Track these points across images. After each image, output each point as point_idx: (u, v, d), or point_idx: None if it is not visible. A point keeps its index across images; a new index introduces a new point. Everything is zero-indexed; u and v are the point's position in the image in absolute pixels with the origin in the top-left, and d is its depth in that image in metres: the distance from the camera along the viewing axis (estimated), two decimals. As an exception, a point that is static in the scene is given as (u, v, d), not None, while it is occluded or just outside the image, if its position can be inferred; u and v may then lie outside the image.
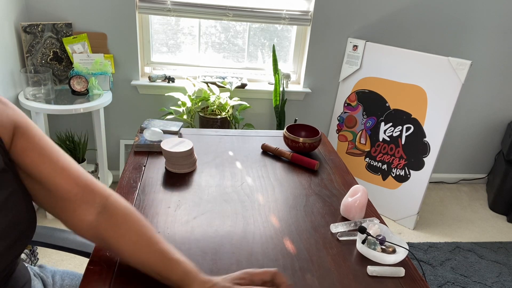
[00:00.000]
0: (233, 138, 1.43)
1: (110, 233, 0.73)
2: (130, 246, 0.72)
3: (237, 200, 1.05)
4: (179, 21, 2.34)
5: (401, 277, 0.84)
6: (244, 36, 2.43)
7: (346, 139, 2.55)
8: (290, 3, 2.31)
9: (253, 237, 0.91)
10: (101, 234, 0.74)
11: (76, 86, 2.06)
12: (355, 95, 2.45)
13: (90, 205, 0.74)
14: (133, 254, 0.72)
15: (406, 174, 2.33)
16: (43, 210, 2.26)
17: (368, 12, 2.36)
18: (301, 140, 1.30)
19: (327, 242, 0.92)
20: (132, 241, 0.72)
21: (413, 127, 2.27)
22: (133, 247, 0.72)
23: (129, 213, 0.75)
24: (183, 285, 0.70)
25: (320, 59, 2.45)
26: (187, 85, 2.23)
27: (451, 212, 2.65)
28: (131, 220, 0.74)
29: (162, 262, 0.71)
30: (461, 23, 2.45)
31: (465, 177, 3.03)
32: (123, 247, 0.72)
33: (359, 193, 1.01)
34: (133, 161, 1.20)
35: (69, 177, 0.72)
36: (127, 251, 0.72)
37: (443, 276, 2.04)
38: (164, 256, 0.71)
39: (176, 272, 0.70)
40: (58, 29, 2.09)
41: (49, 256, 1.93)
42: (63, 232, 1.04)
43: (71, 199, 0.73)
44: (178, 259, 0.71)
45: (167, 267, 0.70)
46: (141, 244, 0.72)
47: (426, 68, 2.16)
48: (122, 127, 2.45)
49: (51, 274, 0.99)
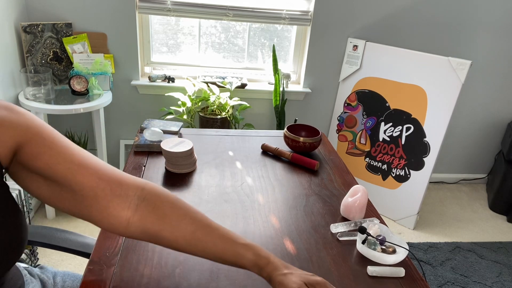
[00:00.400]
0: (233, 138, 1.43)
1: (160, 226, 0.68)
2: (188, 236, 0.68)
3: (237, 200, 1.05)
4: (179, 21, 2.34)
5: (401, 277, 0.84)
6: (244, 36, 2.43)
7: (346, 139, 2.55)
8: (290, 3, 2.31)
9: (253, 237, 0.91)
10: (149, 229, 0.68)
11: (76, 86, 2.06)
12: (355, 95, 2.45)
13: (123, 199, 0.69)
14: (194, 245, 0.68)
15: (406, 174, 2.33)
16: (43, 210, 2.26)
17: (368, 12, 2.36)
18: (302, 140, 1.30)
19: (327, 242, 0.92)
20: (189, 231, 0.68)
21: (413, 127, 2.27)
22: (191, 237, 0.68)
23: (175, 201, 0.70)
24: (257, 269, 0.68)
25: (320, 59, 2.45)
26: (187, 85, 2.23)
27: (451, 212, 2.65)
28: (181, 209, 0.69)
29: (229, 248, 0.68)
30: (461, 23, 2.45)
31: (465, 177, 3.03)
32: (179, 239, 0.68)
33: (359, 193, 1.01)
34: (133, 161, 1.20)
35: (89, 172, 0.67)
36: (185, 243, 0.68)
37: (443, 276, 2.04)
38: (230, 242, 0.68)
39: (247, 257, 0.68)
40: (58, 29, 2.09)
41: (49, 256, 1.93)
42: (63, 232, 1.04)
43: (99, 195, 0.67)
44: (246, 243, 0.68)
45: (235, 254, 0.68)
46: (200, 233, 0.68)
47: (426, 68, 2.16)
48: (122, 127, 2.45)
49: (52, 275, 0.99)
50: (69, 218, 2.21)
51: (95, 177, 0.67)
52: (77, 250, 0.99)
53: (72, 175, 0.66)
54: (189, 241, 0.69)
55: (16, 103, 2.00)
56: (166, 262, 0.81)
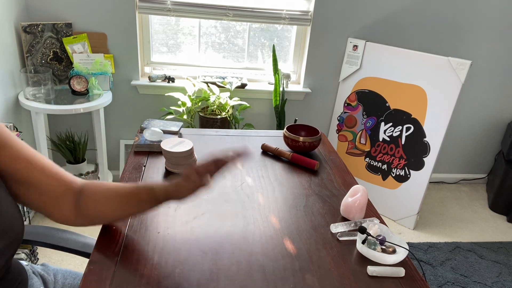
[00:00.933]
0: (233, 138, 1.43)
1: (98, 213, 0.82)
2: (118, 211, 0.82)
3: (237, 200, 1.05)
4: (179, 21, 2.34)
5: (401, 277, 0.84)
6: (244, 36, 2.43)
7: (346, 139, 2.55)
8: (290, 3, 2.31)
9: (253, 237, 0.91)
10: (91, 216, 0.82)
11: (76, 86, 2.06)
12: (355, 95, 2.45)
13: (68, 196, 0.80)
14: (125, 213, 0.83)
15: (406, 174, 2.33)
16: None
17: (368, 12, 2.36)
18: (301, 139, 1.30)
19: (327, 242, 0.92)
20: (116, 207, 0.82)
21: (413, 127, 2.27)
22: (120, 210, 0.82)
23: (103, 187, 0.83)
24: (163, 200, 0.82)
25: (320, 59, 2.45)
26: (187, 85, 2.23)
27: (451, 212, 2.65)
28: (108, 190, 0.82)
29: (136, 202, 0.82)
30: (461, 23, 2.45)
31: (465, 177, 3.03)
32: (114, 215, 0.83)
33: (359, 193, 1.01)
34: (133, 161, 1.20)
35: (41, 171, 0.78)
36: (117, 215, 0.83)
37: (443, 276, 2.04)
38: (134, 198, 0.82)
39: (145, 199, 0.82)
40: (58, 29, 2.09)
41: (49, 256, 1.93)
42: (63, 232, 1.04)
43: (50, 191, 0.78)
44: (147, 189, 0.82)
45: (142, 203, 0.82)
46: (126, 205, 0.82)
47: (426, 68, 2.16)
48: (122, 127, 2.45)
49: (53, 273, 0.99)
50: (69, 218, 2.21)
51: (45, 175, 0.77)
52: (77, 250, 0.99)
53: (31, 172, 0.76)
54: (119, 213, 0.83)
55: (16, 103, 2.00)
56: (166, 262, 0.81)
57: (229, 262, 0.83)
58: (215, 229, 0.93)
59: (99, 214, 0.82)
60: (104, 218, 0.84)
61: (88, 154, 2.49)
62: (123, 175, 1.12)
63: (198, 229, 0.92)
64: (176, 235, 0.89)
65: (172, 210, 0.98)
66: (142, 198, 0.81)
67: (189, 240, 0.88)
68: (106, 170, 2.24)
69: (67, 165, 2.28)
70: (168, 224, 0.93)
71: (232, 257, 0.84)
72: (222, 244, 0.88)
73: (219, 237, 0.90)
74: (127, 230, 0.90)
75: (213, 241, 0.88)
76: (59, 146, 2.24)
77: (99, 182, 0.84)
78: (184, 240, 0.88)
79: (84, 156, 2.34)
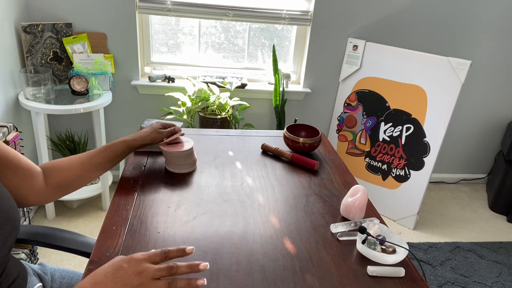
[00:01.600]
0: (233, 138, 1.43)
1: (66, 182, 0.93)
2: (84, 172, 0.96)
3: (237, 200, 1.05)
4: (179, 21, 2.34)
5: (401, 277, 0.84)
6: (244, 36, 2.43)
7: (346, 139, 2.55)
8: (290, 3, 2.31)
9: (253, 237, 0.91)
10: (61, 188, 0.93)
11: (76, 86, 2.06)
12: (355, 95, 2.45)
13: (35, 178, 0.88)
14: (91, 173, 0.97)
15: (406, 174, 2.33)
16: (43, 210, 2.26)
17: (368, 12, 2.36)
18: (301, 140, 1.30)
19: (327, 242, 0.92)
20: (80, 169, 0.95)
21: (413, 127, 2.27)
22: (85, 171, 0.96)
23: (63, 160, 0.95)
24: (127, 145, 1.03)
25: (320, 59, 2.45)
26: (187, 85, 2.23)
27: (451, 212, 2.65)
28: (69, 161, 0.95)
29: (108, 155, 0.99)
30: (461, 23, 2.45)
31: (465, 177, 3.03)
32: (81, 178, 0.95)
33: (359, 193, 1.01)
34: (133, 161, 1.20)
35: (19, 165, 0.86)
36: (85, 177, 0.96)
37: (443, 276, 2.04)
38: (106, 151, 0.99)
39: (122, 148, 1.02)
40: (58, 29, 2.09)
41: (49, 256, 1.93)
42: (63, 232, 1.04)
43: (26, 176, 0.87)
44: (113, 142, 1.01)
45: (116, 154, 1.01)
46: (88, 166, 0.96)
47: (426, 68, 2.16)
48: (122, 127, 2.45)
49: (50, 272, 0.99)
50: (69, 218, 2.21)
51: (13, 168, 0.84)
52: (77, 250, 0.99)
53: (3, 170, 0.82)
54: (85, 174, 0.96)
55: (16, 103, 2.00)
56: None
57: (229, 262, 0.83)
58: (215, 229, 0.93)
59: (66, 181, 0.94)
60: (70, 183, 0.95)
61: (88, 154, 2.49)
62: (123, 175, 1.12)
63: (198, 229, 0.92)
64: (176, 235, 0.89)
65: (172, 210, 0.98)
66: (118, 151, 1.01)
67: (189, 240, 0.88)
68: (106, 170, 2.24)
69: (67, 165, 2.28)
70: (168, 224, 0.93)
71: (232, 257, 0.84)
72: (222, 244, 0.88)
73: (219, 237, 0.90)
74: (127, 230, 0.90)
75: (213, 241, 0.89)
76: (59, 146, 2.24)
77: (53, 160, 0.96)
78: (184, 240, 0.88)
79: (84, 156, 2.34)
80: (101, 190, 2.26)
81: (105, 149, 1.00)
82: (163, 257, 0.66)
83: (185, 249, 0.68)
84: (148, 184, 1.08)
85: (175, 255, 0.67)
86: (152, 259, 0.65)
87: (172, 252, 0.67)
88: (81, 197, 2.19)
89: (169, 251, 0.67)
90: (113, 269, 0.62)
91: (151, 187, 1.07)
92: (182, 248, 0.68)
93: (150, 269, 0.63)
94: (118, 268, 0.62)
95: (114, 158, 1.01)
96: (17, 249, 1.52)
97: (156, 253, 0.66)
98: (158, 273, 0.63)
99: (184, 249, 0.68)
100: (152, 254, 0.66)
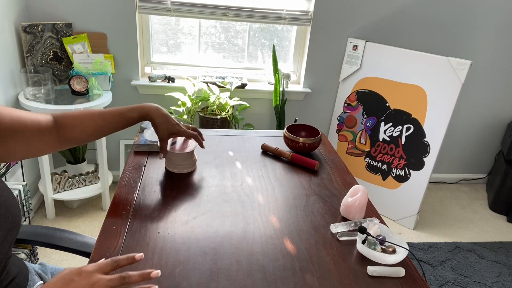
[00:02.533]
0: (233, 138, 1.43)
1: (76, 135, 0.93)
2: (94, 129, 0.94)
3: (237, 200, 1.05)
4: (179, 21, 2.34)
5: (401, 277, 0.84)
6: (244, 36, 2.43)
7: (346, 139, 2.55)
8: (290, 3, 2.31)
9: (253, 237, 0.91)
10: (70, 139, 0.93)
11: (76, 86, 2.06)
12: (355, 95, 2.45)
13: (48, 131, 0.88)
14: (101, 132, 0.96)
15: (406, 174, 2.33)
16: (43, 210, 2.26)
17: (368, 12, 2.36)
18: (301, 140, 1.30)
19: (327, 242, 0.92)
20: (92, 125, 0.94)
21: (413, 127, 2.27)
22: (96, 128, 0.94)
23: (75, 113, 0.93)
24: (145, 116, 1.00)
25: (320, 59, 2.45)
26: (187, 85, 2.23)
27: (451, 212, 2.65)
28: (82, 115, 0.94)
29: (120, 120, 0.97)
30: (461, 23, 2.45)
31: (465, 177, 3.03)
32: (91, 134, 0.95)
33: (359, 193, 1.01)
34: (133, 161, 1.20)
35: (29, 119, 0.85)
36: (94, 134, 0.95)
37: (443, 276, 2.04)
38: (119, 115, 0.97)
39: (134, 117, 0.99)
40: (58, 29, 2.09)
41: (49, 256, 1.93)
42: (63, 232, 1.04)
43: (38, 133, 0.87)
44: (129, 108, 0.98)
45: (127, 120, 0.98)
46: (101, 122, 0.95)
47: (426, 68, 2.16)
48: (122, 127, 2.45)
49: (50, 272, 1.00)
50: (69, 218, 2.21)
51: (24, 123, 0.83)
52: (77, 250, 0.99)
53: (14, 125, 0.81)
54: (96, 131, 0.95)
55: (16, 103, 2.00)
56: (166, 262, 0.81)
57: (229, 262, 0.83)
58: (215, 229, 0.93)
59: (78, 139, 0.94)
60: (83, 138, 0.95)
61: (88, 154, 2.49)
62: (123, 175, 1.12)
63: (198, 229, 0.92)
64: (176, 235, 0.89)
65: (172, 210, 0.98)
66: (132, 121, 0.99)
67: (189, 240, 0.88)
68: (106, 170, 2.24)
69: (67, 165, 2.28)
70: (168, 224, 0.93)
71: (232, 257, 0.84)
72: (222, 244, 0.88)
73: (219, 237, 0.90)
74: (127, 230, 0.90)
75: (213, 241, 0.89)
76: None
77: (67, 113, 0.94)
78: (184, 240, 0.88)
79: (84, 156, 2.34)
80: (101, 190, 2.26)
81: (120, 115, 0.97)
82: (114, 266, 0.65)
83: (134, 256, 0.67)
84: (148, 184, 1.08)
85: (125, 263, 0.67)
86: (102, 270, 0.64)
87: (122, 260, 0.66)
88: (81, 197, 2.19)
89: (119, 260, 0.66)
90: (63, 283, 0.61)
91: (151, 187, 1.07)
92: (131, 255, 0.67)
93: (102, 280, 0.62)
94: (69, 281, 0.61)
95: (127, 125, 1.00)
96: (17, 249, 1.52)
97: (106, 263, 0.65)
98: (110, 284, 0.62)
99: (134, 256, 0.67)
100: (102, 264, 0.65)
